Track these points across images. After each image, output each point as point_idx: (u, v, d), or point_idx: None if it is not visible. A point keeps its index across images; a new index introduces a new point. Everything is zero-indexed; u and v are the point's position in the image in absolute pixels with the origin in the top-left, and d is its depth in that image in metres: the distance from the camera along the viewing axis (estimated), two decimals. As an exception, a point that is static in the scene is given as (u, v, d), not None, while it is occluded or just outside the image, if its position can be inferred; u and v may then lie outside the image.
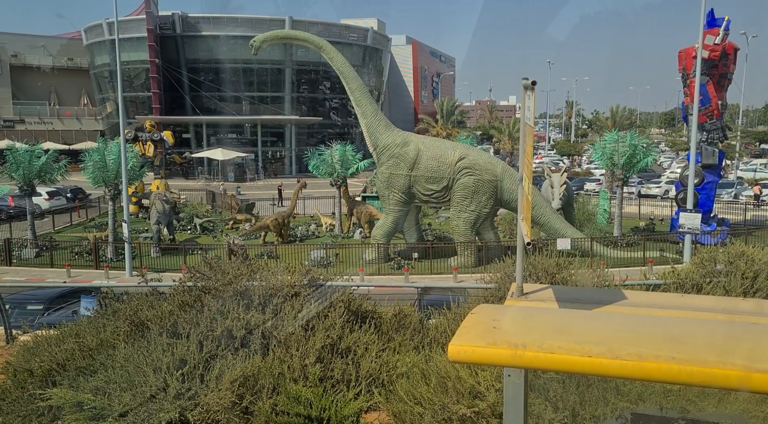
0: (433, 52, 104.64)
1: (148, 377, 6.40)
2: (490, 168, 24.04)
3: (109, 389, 6.35)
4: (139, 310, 7.88)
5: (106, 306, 8.57)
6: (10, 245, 26.47)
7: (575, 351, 2.11)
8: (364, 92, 25.39)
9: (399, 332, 8.15)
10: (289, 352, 6.90)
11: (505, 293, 7.78)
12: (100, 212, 39.23)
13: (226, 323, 7.30)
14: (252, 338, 7.27)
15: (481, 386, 6.05)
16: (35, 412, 6.46)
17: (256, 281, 8.10)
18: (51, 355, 7.09)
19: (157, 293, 8.53)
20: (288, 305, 7.80)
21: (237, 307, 7.57)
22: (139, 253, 25.67)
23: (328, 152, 31.80)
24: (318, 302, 7.91)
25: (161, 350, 6.81)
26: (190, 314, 7.54)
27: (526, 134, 2.66)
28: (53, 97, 74.18)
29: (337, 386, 6.59)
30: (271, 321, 7.49)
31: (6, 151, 28.40)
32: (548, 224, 24.32)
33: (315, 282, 8.25)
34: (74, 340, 7.40)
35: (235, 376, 6.34)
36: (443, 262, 24.62)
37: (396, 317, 8.26)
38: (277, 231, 29.73)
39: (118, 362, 6.87)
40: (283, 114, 63.95)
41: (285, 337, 7.10)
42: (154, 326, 7.36)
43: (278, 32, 27.60)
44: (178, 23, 60.79)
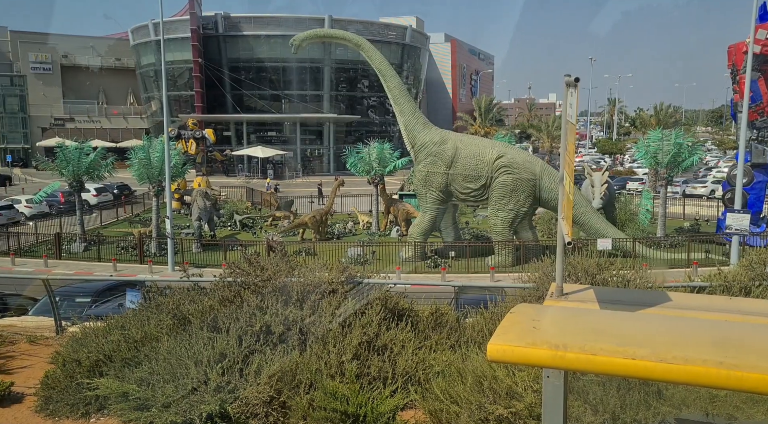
0: (472, 50, 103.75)
1: (189, 370, 6.55)
2: (528, 166, 23.72)
3: (152, 381, 6.53)
4: (181, 304, 8.08)
5: (149, 300, 8.81)
6: (61, 239, 27.43)
7: (618, 353, 2.06)
8: (402, 90, 25.37)
9: (435, 330, 8.13)
10: (326, 348, 6.97)
11: (544, 292, 7.67)
12: (145, 207, 40.34)
13: (265, 319, 7.41)
14: (290, 333, 7.37)
15: (519, 386, 5.99)
16: (83, 401, 6.70)
17: (294, 278, 8.20)
18: (98, 346, 7.34)
19: (199, 288, 8.73)
20: (325, 301, 7.87)
21: (275, 303, 7.68)
22: (181, 248, 26.28)
23: (366, 150, 31.90)
24: (355, 300, 7.96)
25: (202, 344, 6.97)
26: (230, 309, 7.69)
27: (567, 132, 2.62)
28: (101, 97, 76.59)
29: (374, 383, 6.62)
30: (308, 317, 7.58)
31: (57, 148, 29.47)
32: (588, 223, 23.85)
33: (352, 279, 8.30)
34: (120, 332, 7.64)
35: (274, 371, 6.44)
36: (480, 261, 24.42)
37: (433, 316, 8.24)
38: (315, 228, 30.00)
39: (161, 355, 7.06)
40: (322, 112, 64.47)
41: (322, 333, 7.18)
42: (196, 320, 7.53)
43: (317, 31, 27.83)
44: (221, 23, 61.93)
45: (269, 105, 63.59)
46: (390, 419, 5.87)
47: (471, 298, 13.09)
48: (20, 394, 7.17)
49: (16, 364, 8.23)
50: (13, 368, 8.05)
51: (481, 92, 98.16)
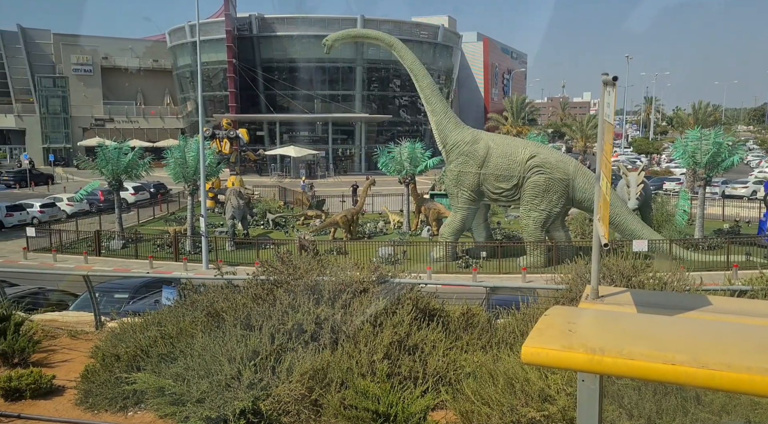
0: (505, 49, 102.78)
1: (223, 366, 6.66)
2: (561, 166, 23.40)
3: (188, 376, 6.66)
4: (215, 302, 8.21)
5: (185, 297, 8.99)
6: (100, 236, 28.17)
7: (657, 358, 2.01)
8: (434, 90, 25.30)
9: (466, 330, 8.08)
10: (358, 347, 7.00)
11: (577, 294, 7.56)
12: (180, 206, 41.16)
13: (297, 317, 7.48)
14: (321, 332, 7.42)
15: (551, 389, 5.92)
16: (121, 395, 6.87)
17: (326, 276, 8.26)
18: (136, 341, 7.52)
19: (232, 286, 8.86)
20: (357, 300, 7.90)
21: (307, 301, 7.75)
22: (215, 246, 26.72)
23: (398, 150, 31.91)
24: (386, 299, 7.97)
25: (236, 341, 7.07)
26: (262, 306, 7.79)
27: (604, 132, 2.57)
28: (139, 97, 78.43)
29: (404, 382, 6.62)
30: (340, 316, 7.62)
31: (96, 148, 30.29)
32: (623, 224, 23.38)
33: (383, 279, 8.31)
34: (156, 328, 7.81)
35: (306, 369, 6.50)
36: (512, 261, 24.21)
37: (464, 316, 8.20)
38: (347, 228, 30.16)
39: (195, 351, 7.19)
40: (354, 112, 64.75)
41: (354, 332, 7.21)
42: (229, 317, 7.65)
43: (350, 31, 27.97)
44: (255, 24, 62.74)
45: (302, 105, 64.17)
46: (421, 420, 5.86)
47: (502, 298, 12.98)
48: (61, 387, 7.40)
49: (58, 358, 8.49)
50: (54, 362, 8.31)
51: (514, 91, 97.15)
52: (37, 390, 7.06)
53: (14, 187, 50.88)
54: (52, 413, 6.74)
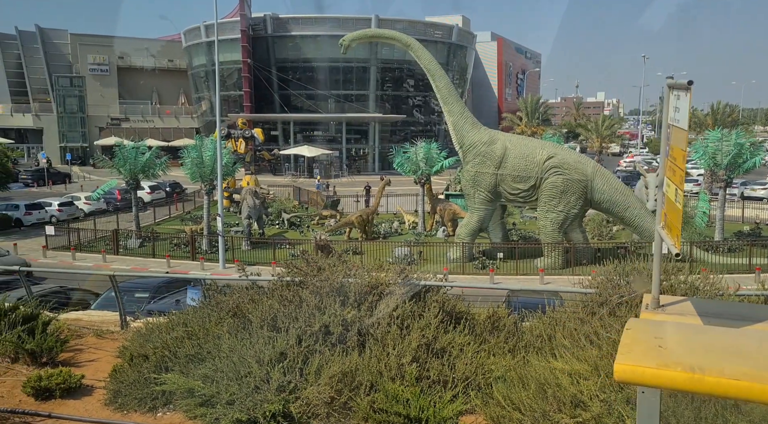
0: (518, 48, 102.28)
1: (252, 368, 6.66)
2: (579, 167, 23.24)
3: (216, 377, 6.67)
4: (240, 303, 8.22)
5: (209, 297, 9.01)
6: (118, 235, 28.39)
7: (763, 379, 1.93)
8: (451, 90, 25.23)
9: (492, 334, 8.02)
10: (385, 350, 6.97)
11: (607, 298, 7.47)
12: (195, 205, 41.38)
13: (324, 319, 7.47)
14: (348, 334, 7.40)
15: (584, 395, 5.85)
16: (150, 395, 6.90)
17: (351, 278, 8.24)
18: (163, 342, 7.55)
19: (257, 287, 8.87)
20: (383, 303, 7.87)
21: (333, 303, 7.74)
22: (231, 246, 26.83)
23: (413, 150, 31.85)
24: (412, 301, 7.94)
25: (263, 343, 7.07)
26: (288, 308, 7.78)
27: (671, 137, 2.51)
28: (154, 97, 78.99)
29: (433, 386, 6.58)
30: (367, 319, 7.60)
31: (115, 147, 30.54)
32: (642, 226, 23.17)
33: (409, 281, 8.28)
34: (183, 328, 7.83)
35: (334, 372, 6.48)
36: (529, 262, 24.08)
37: (490, 319, 8.14)
38: (362, 228, 30.17)
39: (223, 352, 7.21)
40: (368, 112, 64.75)
41: (381, 335, 7.18)
42: (256, 318, 7.65)
43: (367, 31, 27.94)
44: (269, 24, 62.92)
45: (316, 105, 64.29)
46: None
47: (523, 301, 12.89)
48: (90, 386, 7.44)
49: (85, 357, 8.55)
50: (81, 361, 8.37)
51: (528, 91, 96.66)
52: (67, 390, 7.11)
53: (32, 185, 51.46)
54: (82, 413, 6.78)
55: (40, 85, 76.27)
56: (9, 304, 8.57)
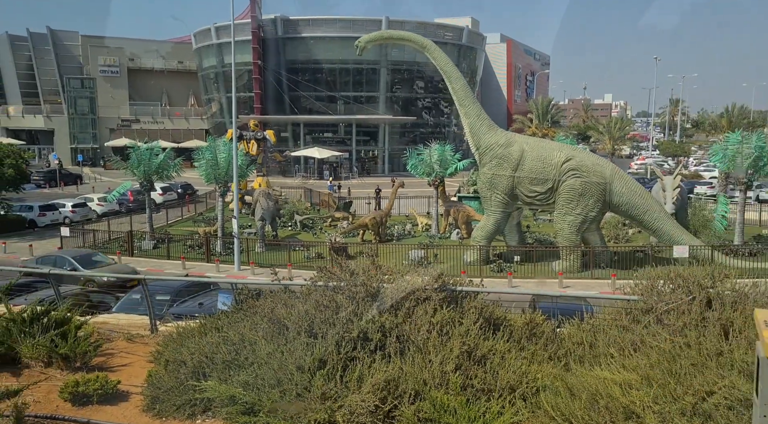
0: (527, 50, 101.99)
1: (293, 376, 6.57)
2: (598, 170, 23.04)
3: (257, 385, 6.58)
4: (275, 308, 8.13)
5: (241, 302, 8.93)
6: (133, 236, 28.39)
7: None
8: (468, 92, 25.10)
9: (530, 340, 7.91)
10: (427, 357, 6.86)
11: (652, 306, 7.32)
12: (207, 207, 41.41)
13: (361, 325, 7.37)
14: (387, 341, 7.30)
15: (637, 406, 5.73)
16: (188, 402, 6.81)
17: (386, 283, 8.14)
18: (199, 347, 7.46)
19: (290, 292, 8.78)
20: (420, 308, 7.77)
21: (370, 309, 7.64)
22: (246, 248, 26.77)
23: (427, 152, 31.72)
24: (450, 307, 7.83)
25: (302, 349, 6.98)
26: (325, 313, 7.69)
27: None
28: (164, 98, 79.25)
29: (478, 395, 6.46)
30: (404, 325, 7.50)
31: (129, 149, 30.57)
32: (662, 229, 22.95)
33: (445, 286, 8.17)
34: (219, 334, 7.75)
35: (378, 380, 6.37)
36: (546, 266, 23.91)
37: (528, 326, 8.02)
38: (375, 230, 30.06)
39: (261, 359, 7.11)
40: (378, 113, 64.70)
41: (422, 342, 7.08)
42: (292, 324, 7.56)
43: (383, 33, 27.88)
44: (280, 25, 62.98)
45: (326, 106, 64.30)
46: (501, 435, 5.71)
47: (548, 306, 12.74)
48: (126, 392, 7.37)
49: (117, 361, 8.48)
50: (114, 366, 8.30)
51: (537, 93, 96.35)
52: (104, 395, 7.04)
53: (44, 186, 51.66)
54: (120, 420, 6.71)
55: (51, 87, 76.67)
56: (41, 308, 8.52)
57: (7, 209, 33.14)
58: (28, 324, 8.18)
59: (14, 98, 79.21)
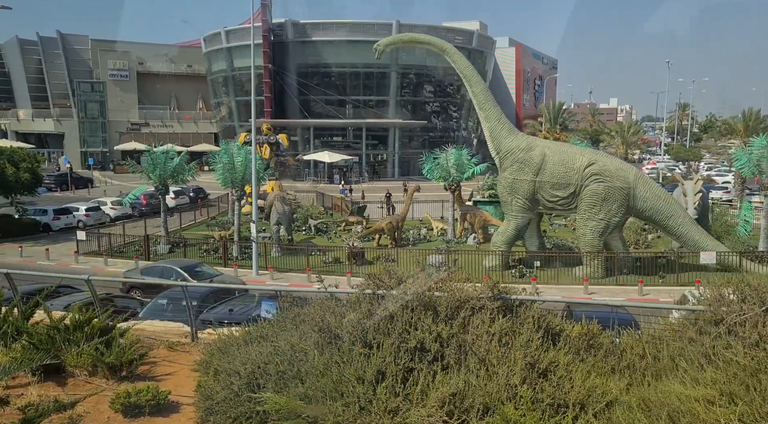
0: (536, 54, 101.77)
1: (355, 388, 6.35)
2: (621, 174, 22.79)
3: (317, 397, 6.36)
4: (325, 316, 7.91)
5: (285, 310, 8.72)
6: (149, 240, 28.23)
7: None
8: (488, 96, 24.92)
9: (589, 352, 7.66)
10: (491, 369, 6.63)
11: (722, 316, 7.07)
12: (219, 210, 41.26)
13: (418, 335, 7.15)
14: (446, 351, 7.08)
15: None
16: (244, 414, 6.59)
17: (439, 292, 7.93)
18: (251, 357, 7.25)
19: (336, 299, 8.56)
20: (477, 318, 7.54)
21: (426, 318, 7.42)
22: (264, 252, 26.58)
23: (444, 156, 31.52)
24: (506, 317, 7.60)
25: (361, 360, 6.76)
26: (378, 323, 7.46)
27: None
28: (173, 102, 79.31)
29: (547, 410, 6.23)
30: (462, 335, 7.28)
31: (145, 153, 30.43)
32: (686, 235, 22.65)
33: (500, 295, 7.95)
34: (270, 343, 7.53)
35: (444, 393, 6.15)
36: (568, 271, 23.64)
37: (585, 336, 7.78)
38: (391, 235, 29.86)
39: (317, 369, 6.89)
40: (387, 117, 64.55)
41: (484, 353, 6.85)
42: (345, 333, 7.34)
43: (402, 36, 27.69)
44: (290, 29, 62.96)
45: (335, 110, 64.19)
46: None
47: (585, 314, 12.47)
48: (176, 403, 7.17)
49: (161, 370, 8.27)
50: (159, 375, 8.09)
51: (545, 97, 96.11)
52: (156, 406, 6.84)
53: (55, 190, 51.63)
54: (174, 432, 6.49)
55: (61, 91, 76.80)
56: (83, 316, 8.32)
57: (21, 213, 33.06)
58: (71, 332, 7.99)
59: (23, 102, 79.38)
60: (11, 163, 29.99)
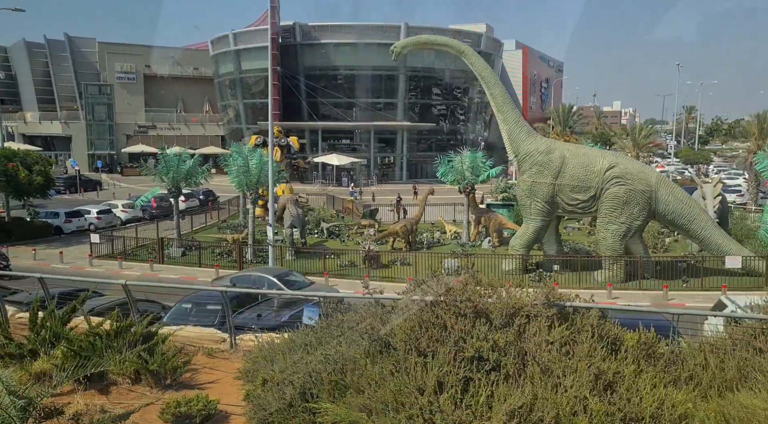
0: (542, 57, 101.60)
1: (417, 399, 6.11)
2: (643, 177, 22.54)
3: (377, 408, 6.13)
4: (373, 323, 7.68)
5: (328, 316, 8.48)
6: (163, 244, 28.02)
7: None
8: (506, 98, 24.69)
9: (647, 362, 7.41)
10: (557, 380, 6.39)
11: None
12: (229, 213, 41.04)
13: (475, 344, 6.91)
14: (504, 360, 6.84)
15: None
16: (300, 425, 6.37)
17: (491, 298, 7.69)
18: (302, 366, 7.02)
19: (382, 306, 8.32)
20: (533, 325, 7.30)
21: (481, 326, 7.18)
22: (280, 256, 26.37)
23: (458, 159, 31.29)
24: (563, 326, 7.36)
25: (419, 370, 6.52)
26: (431, 331, 7.23)
27: None
28: (179, 105, 79.22)
29: None
30: (520, 343, 7.04)
31: (158, 155, 30.27)
32: (709, 238, 22.36)
33: (554, 302, 7.70)
34: (320, 352, 7.30)
35: (513, 405, 5.91)
36: (588, 275, 23.37)
37: (644, 345, 7.53)
38: (406, 238, 29.63)
39: (371, 379, 6.66)
40: (395, 120, 64.34)
41: (548, 363, 6.60)
42: (399, 342, 7.10)
43: (419, 38, 27.46)
44: (298, 32, 62.84)
45: (343, 113, 64.02)
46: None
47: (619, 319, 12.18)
48: (225, 413, 6.94)
49: (203, 378, 8.04)
50: (202, 383, 7.86)
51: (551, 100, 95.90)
52: (207, 417, 6.60)
53: (64, 192, 51.49)
54: (228, 445, 6.26)
55: (68, 93, 76.83)
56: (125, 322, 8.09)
57: (33, 216, 32.92)
58: (112, 338, 7.76)
59: (30, 105, 79.44)
60: (24, 166, 29.84)
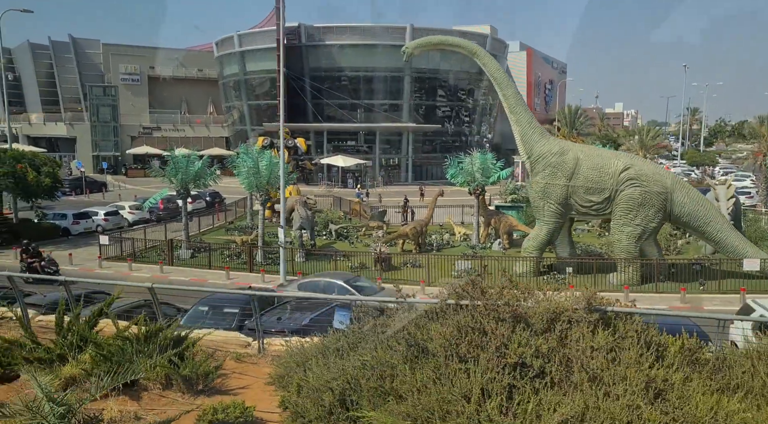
0: (546, 58, 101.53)
1: (464, 407, 5.93)
2: (658, 179, 22.34)
3: (422, 416, 5.95)
4: (409, 328, 7.50)
5: (360, 321, 8.31)
6: (173, 245, 27.85)
7: None
8: (519, 99, 24.52)
9: (693, 368, 7.21)
10: (606, 389, 6.20)
11: None
12: (236, 215, 40.86)
13: (518, 350, 6.73)
14: (548, 367, 6.65)
15: None
16: (341, 434, 6.19)
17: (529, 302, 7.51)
18: (338, 372, 6.84)
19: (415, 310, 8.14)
20: (575, 331, 7.12)
21: (522, 331, 7.00)
22: (291, 258, 26.18)
23: (468, 160, 31.11)
24: (608, 331, 7.18)
25: (462, 376, 6.34)
26: (470, 336, 7.05)
27: None
28: (183, 106, 79.12)
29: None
30: (563, 349, 6.85)
31: (167, 156, 30.12)
32: (725, 241, 22.15)
33: (593, 306, 7.52)
34: (357, 357, 7.12)
35: (566, 414, 5.72)
36: (602, 278, 23.17)
37: (688, 352, 7.33)
38: (415, 240, 29.45)
39: (413, 385, 6.48)
40: (401, 121, 64.18)
41: (596, 370, 6.42)
42: (439, 347, 6.92)
43: (431, 38, 27.28)
44: (304, 33, 62.73)
45: (348, 114, 63.88)
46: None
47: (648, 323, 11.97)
48: (261, 420, 6.76)
49: (234, 383, 7.87)
50: (234, 389, 7.69)
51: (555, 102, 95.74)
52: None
53: (70, 194, 51.36)
54: (267, 454, 6.08)
55: (72, 95, 76.75)
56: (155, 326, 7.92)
57: (41, 217, 32.78)
58: (143, 343, 7.59)
59: (34, 106, 79.35)
60: (32, 168, 29.71)
